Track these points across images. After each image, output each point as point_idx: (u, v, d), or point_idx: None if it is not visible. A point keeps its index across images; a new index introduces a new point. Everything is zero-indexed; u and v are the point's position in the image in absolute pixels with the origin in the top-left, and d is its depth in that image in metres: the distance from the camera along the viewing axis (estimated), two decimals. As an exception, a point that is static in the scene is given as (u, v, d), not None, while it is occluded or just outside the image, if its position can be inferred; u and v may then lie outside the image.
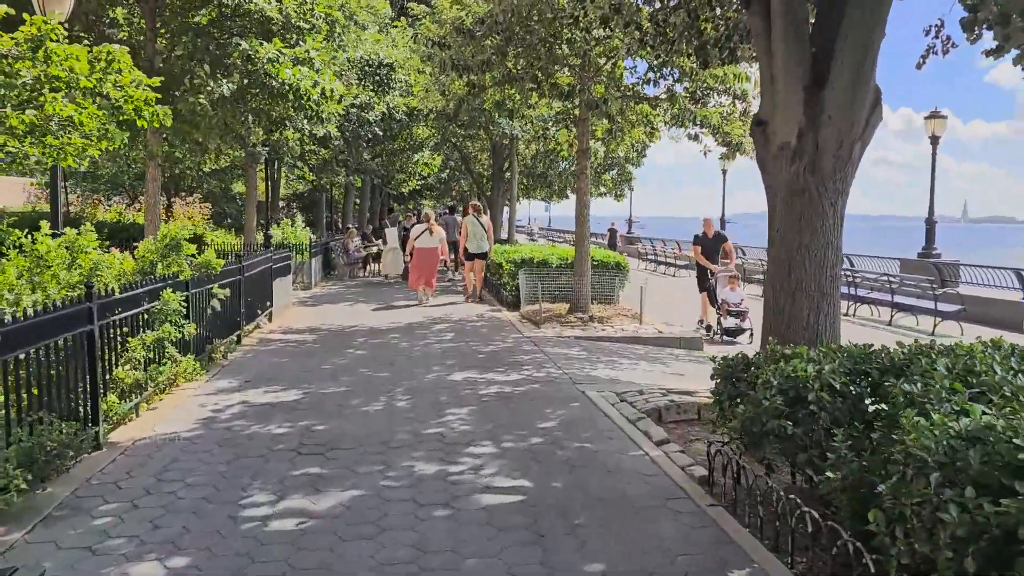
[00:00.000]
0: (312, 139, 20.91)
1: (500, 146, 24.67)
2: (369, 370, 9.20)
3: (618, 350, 11.06)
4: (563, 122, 14.69)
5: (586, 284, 13.50)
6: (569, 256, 15.29)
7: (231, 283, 10.66)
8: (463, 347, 10.80)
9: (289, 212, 45.00)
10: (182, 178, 28.03)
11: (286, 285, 15.19)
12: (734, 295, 13.61)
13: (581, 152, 13.45)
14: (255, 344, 11.18)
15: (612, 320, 13.06)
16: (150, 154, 12.41)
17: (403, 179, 30.49)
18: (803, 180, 6.14)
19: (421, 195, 46.40)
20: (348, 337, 11.81)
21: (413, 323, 13.30)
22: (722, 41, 8.78)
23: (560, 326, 12.57)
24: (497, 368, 9.26)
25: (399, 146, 26.73)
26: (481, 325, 13.03)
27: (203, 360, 9.11)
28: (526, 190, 28.37)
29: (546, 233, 62.99)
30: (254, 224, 21.11)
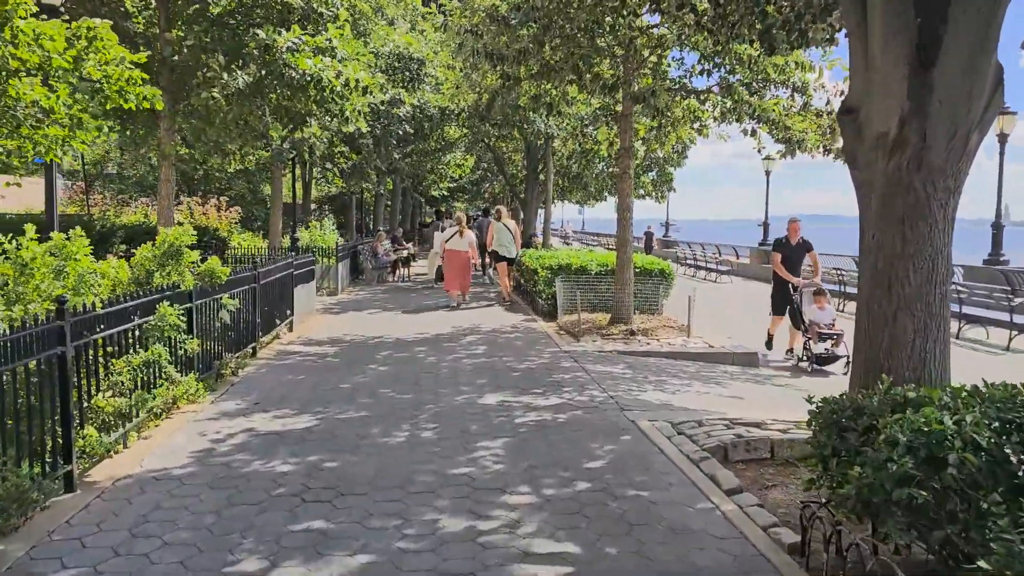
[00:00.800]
0: (341, 139, 20.14)
1: (534, 146, 23.70)
2: (391, 390, 8.28)
3: (666, 367, 10.03)
4: (603, 119, 13.70)
5: (629, 293, 12.48)
6: (609, 262, 14.28)
7: (244, 292, 9.85)
8: (496, 363, 9.85)
9: (320, 215, 44.59)
10: (208, 180, 27.49)
11: (309, 292, 14.38)
12: (824, 314, 11.35)
13: (623, 151, 12.44)
14: (271, 357, 10.34)
15: (657, 333, 12.03)
16: (163, 153, 11.66)
17: (434, 181, 29.64)
18: (906, 176, 5.09)
19: (453, 198, 45.63)
20: (371, 350, 10.93)
21: (442, 334, 12.39)
22: (791, 22, 7.74)
23: (601, 339, 11.56)
24: (534, 389, 8.29)
25: (430, 146, 25.92)
26: (515, 337, 12.07)
27: (210, 378, 8.27)
28: (561, 192, 27.38)
29: (580, 236, 61.84)
30: (279, 227, 20.41)
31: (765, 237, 30.13)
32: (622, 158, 12.47)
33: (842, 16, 6.22)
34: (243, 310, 9.81)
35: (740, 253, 33.56)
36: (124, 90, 5.65)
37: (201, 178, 27.66)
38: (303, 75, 10.41)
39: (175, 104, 11.66)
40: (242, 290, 9.69)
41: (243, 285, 9.72)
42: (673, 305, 14.23)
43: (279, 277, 11.85)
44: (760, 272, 28.68)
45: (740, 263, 31.02)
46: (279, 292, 11.97)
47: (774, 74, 10.74)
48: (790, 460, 5.88)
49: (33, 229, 6.95)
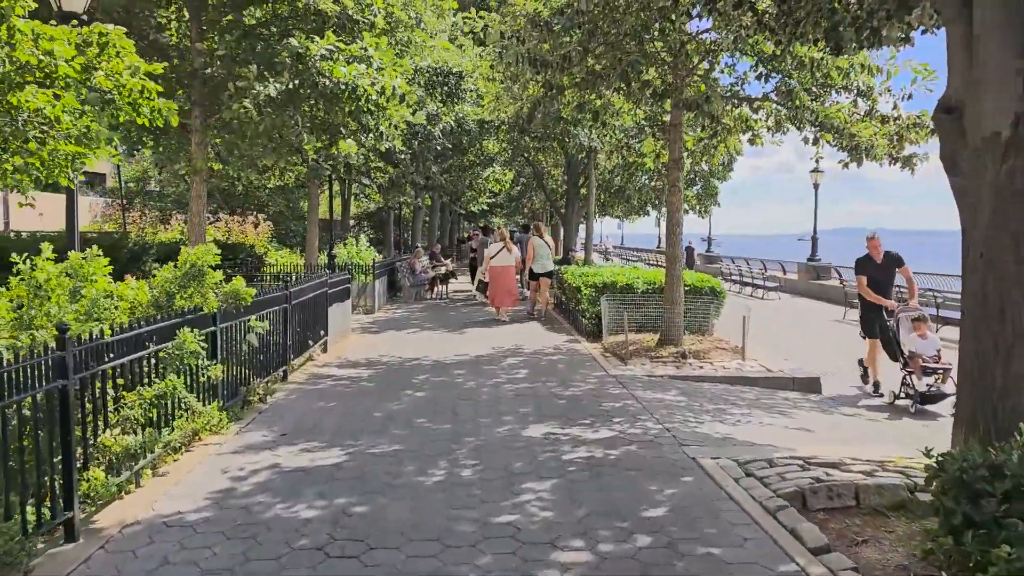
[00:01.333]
0: (377, 154, 19.76)
1: (576, 160, 23.11)
2: (428, 420, 7.69)
3: (722, 394, 9.31)
4: (649, 130, 13.08)
5: (679, 313, 11.78)
6: (656, 280, 13.60)
7: (274, 313, 9.38)
8: (539, 389, 9.22)
9: (359, 231, 44.43)
10: (248, 197, 27.37)
11: (344, 311, 13.91)
12: (927, 344, 9.53)
13: (673, 163, 11.78)
14: (303, 381, 9.84)
15: (710, 355, 11.30)
16: (194, 168, 11.29)
17: (472, 196, 29.19)
18: (1022, 184, 4.39)
19: (491, 213, 45.20)
20: (408, 373, 10.38)
21: (482, 356, 11.80)
22: (861, 20, 7.06)
23: (650, 362, 10.87)
24: (581, 420, 7.64)
25: (468, 161, 25.48)
26: (558, 360, 11.43)
27: (236, 406, 7.77)
28: (602, 207, 26.72)
29: (620, 252, 60.94)
30: (316, 244, 20.06)
31: (814, 252, 29.04)
32: (671, 170, 11.81)
33: (936, 3, 5.51)
34: (273, 332, 9.34)
35: (787, 268, 32.52)
36: (137, 103, 5.17)
37: (240, 195, 27.56)
38: (337, 84, 9.96)
39: (207, 118, 11.30)
40: (272, 311, 9.21)
41: (273, 306, 9.25)
42: (724, 325, 13.49)
43: (312, 296, 11.39)
44: (809, 289, 27.66)
45: (787, 279, 30.00)
46: (312, 312, 11.50)
47: (838, 78, 10.00)
48: (879, 509, 5.15)
49: (50, 248, 6.54)
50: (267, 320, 8.93)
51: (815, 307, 23.52)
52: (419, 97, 17.91)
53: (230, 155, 13.12)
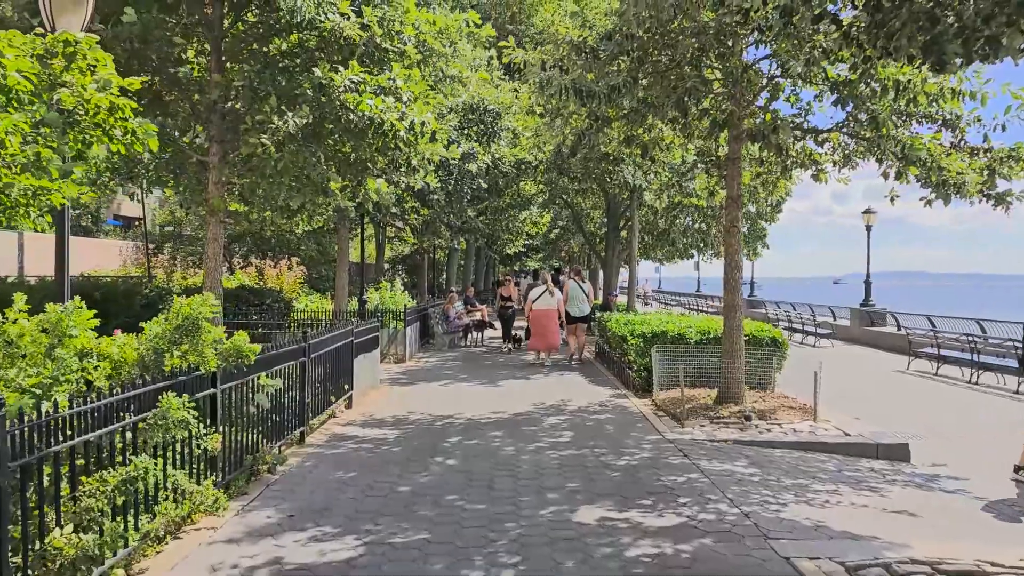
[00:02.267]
0: (411, 194, 18.96)
1: (616, 201, 22.13)
2: (460, 497, 6.60)
3: (798, 464, 8.08)
4: (703, 165, 12.05)
5: (740, 367, 10.60)
6: (711, 329, 12.43)
7: (291, 367, 8.41)
8: (587, 456, 8.08)
9: (394, 274, 43.78)
10: (281, 241, 26.77)
11: (372, 361, 12.93)
12: None
13: (731, 201, 10.71)
14: (323, 443, 8.83)
15: (776, 415, 10.07)
16: (210, 208, 10.48)
17: (508, 239, 28.30)
18: None
19: (527, 255, 44.33)
20: (438, 434, 9.31)
21: (520, 414, 10.70)
22: (970, 28, 5.98)
23: (710, 424, 9.68)
24: (641, 500, 6.49)
25: (505, 203, 24.64)
26: (606, 419, 10.27)
27: (241, 477, 6.76)
28: (643, 249, 25.64)
29: (658, 296, 59.53)
30: (345, 289, 19.23)
31: (867, 297, 27.54)
32: (729, 209, 10.73)
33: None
34: (288, 389, 8.36)
35: (837, 314, 31.01)
36: (107, 123, 4.26)
37: (272, 239, 26.99)
38: (362, 117, 9.09)
39: (225, 154, 10.52)
40: (287, 366, 8.24)
41: (288, 360, 8.28)
42: (786, 378, 12.23)
43: (335, 348, 10.43)
44: (863, 335, 26.12)
45: (838, 325, 28.49)
46: (336, 364, 10.54)
47: (924, 103, 8.86)
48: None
49: (23, 299, 5.64)
50: (281, 377, 7.96)
51: (873, 356, 22.04)
52: (452, 135, 17.14)
53: (252, 195, 12.30)
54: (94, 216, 28.89)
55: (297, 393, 8.74)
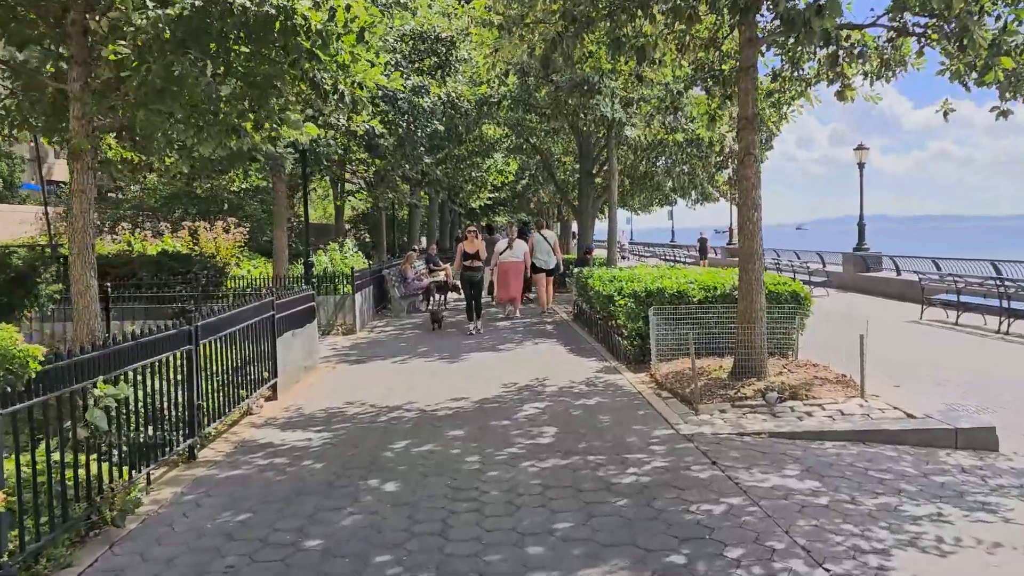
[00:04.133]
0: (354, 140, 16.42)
1: (590, 142, 19.76)
2: (396, 560, 4.35)
3: (865, 467, 5.94)
4: (704, 82, 9.75)
5: (761, 332, 8.43)
6: (716, 284, 10.24)
7: (169, 361, 6.09)
8: (579, 469, 5.86)
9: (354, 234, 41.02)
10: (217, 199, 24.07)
11: (307, 338, 10.58)
12: None
13: (745, 122, 8.45)
14: (222, 457, 6.55)
15: (813, 391, 7.92)
16: (72, 152, 7.97)
17: (472, 191, 25.82)
18: None
19: (493, 210, 41.85)
20: (380, 437, 7.05)
21: (488, 399, 8.47)
22: None
23: (731, 407, 7.52)
24: (669, 556, 4.29)
25: (467, 150, 22.13)
26: (597, 405, 8.06)
27: (61, 541, 4.45)
28: (622, 196, 23.32)
29: (634, 248, 57.26)
30: (285, 252, 16.81)
31: (861, 241, 25.60)
32: (743, 132, 8.47)
33: None
34: (165, 392, 6.03)
35: (827, 259, 29.10)
36: None
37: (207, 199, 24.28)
38: (261, 3, 6.62)
39: (88, 79, 7.98)
40: (159, 360, 5.90)
41: (161, 352, 5.93)
42: (807, 341, 10.10)
43: (248, 326, 8.09)
44: (859, 282, 24.17)
45: (830, 271, 26.53)
46: (249, 348, 8.21)
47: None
48: None
49: None
50: (152, 375, 5.63)
51: (875, 305, 20.03)
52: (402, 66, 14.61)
53: (148, 139, 9.75)
54: (6, 181, 25.85)
55: (182, 394, 6.42)
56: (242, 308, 7.98)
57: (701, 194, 23.34)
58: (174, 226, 22.74)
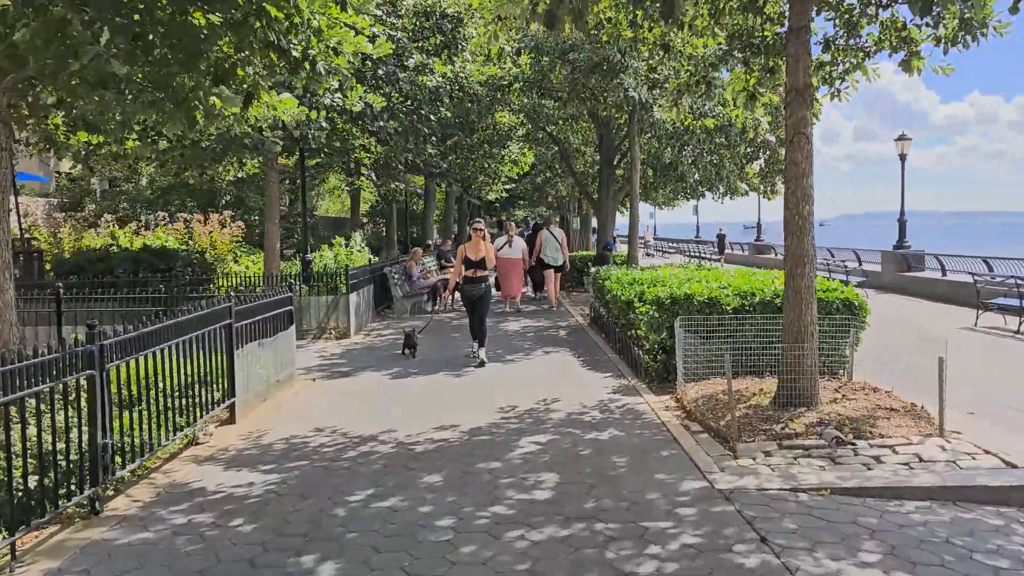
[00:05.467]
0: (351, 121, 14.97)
1: (611, 129, 18.24)
2: None
3: (967, 544, 4.43)
4: (742, 52, 8.20)
5: (812, 350, 6.92)
6: (755, 289, 8.72)
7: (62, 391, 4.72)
8: (583, 547, 4.41)
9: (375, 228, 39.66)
10: (215, 191, 22.83)
11: (280, 349, 9.19)
12: None
13: (796, 95, 6.93)
14: (136, 510, 5.21)
15: (878, 426, 6.39)
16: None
17: (485, 182, 24.35)
18: None
19: (512, 204, 40.34)
20: (339, 483, 5.64)
21: (480, 429, 7.04)
22: None
23: (777, 447, 6.03)
24: None
25: (478, 139, 20.67)
26: (611, 440, 6.59)
27: None
28: (645, 189, 21.74)
29: (659, 245, 55.26)
30: (276, 247, 15.47)
31: (902, 238, 23.83)
32: (793, 107, 6.95)
33: None
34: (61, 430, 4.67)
35: (863, 257, 27.27)
36: None
37: (208, 189, 23.04)
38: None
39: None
40: (40, 392, 4.53)
41: (38, 382, 4.56)
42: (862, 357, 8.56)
43: (193, 339, 6.73)
44: (900, 282, 22.39)
45: (867, 270, 24.76)
46: (197, 366, 6.85)
47: None
48: None
49: None
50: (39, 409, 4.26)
51: (922, 308, 18.31)
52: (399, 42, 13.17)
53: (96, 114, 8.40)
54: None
55: (80, 433, 5.05)
56: (181, 321, 6.58)
57: (729, 187, 21.69)
58: (170, 219, 21.51)
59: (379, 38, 9.09)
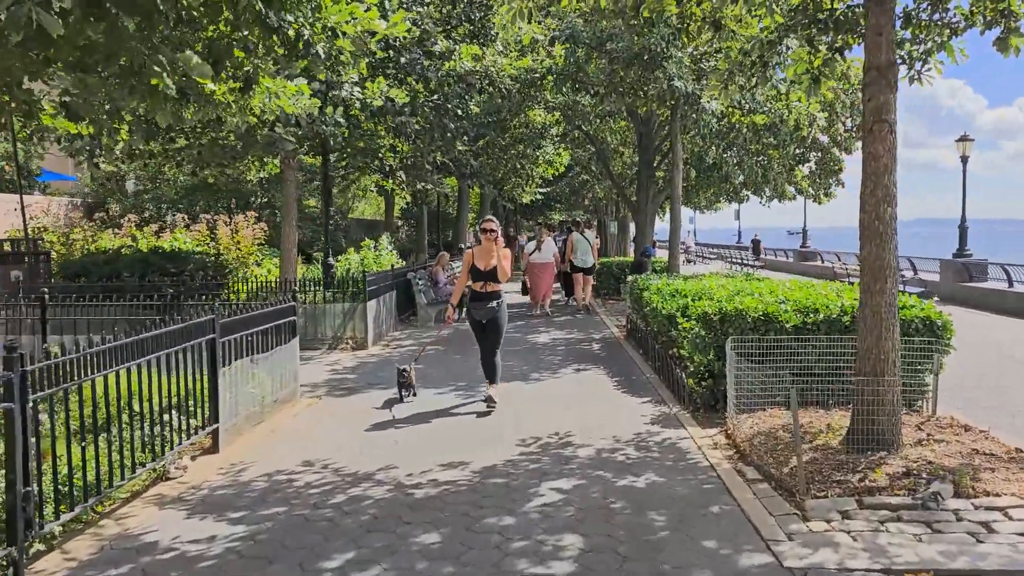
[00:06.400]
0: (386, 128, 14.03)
1: (651, 126, 17.10)
2: None
3: None
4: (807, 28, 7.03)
5: (895, 383, 5.75)
6: (818, 304, 7.52)
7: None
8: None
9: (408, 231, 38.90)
10: (238, 192, 22.12)
11: (279, 365, 8.24)
12: None
13: (877, 75, 5.79)
14: (66, 574, 4.23)
15: (981, 477, 5.19)
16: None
17: (518, 184, 23.32)
18: None
19: (548, 208, 39.23)
20: (315, 541, 4.63)
21: (494, 468, 5.99)
22: None
23: (856, 504, 4.87)
24: None
25: (511, 137, 19.64)
26: (649, 488, 5.47)
27: None
28: (686, 192, 20.50)
29: (700, 251, 53.56)
30: (294, 250, 14.63)
31: (962, 245, 22.26)
32: (873, 88, 5.80)
33: None
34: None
35: (918, 266, 25.68)
36: None
37: (232, 190, 22.33)
38: None
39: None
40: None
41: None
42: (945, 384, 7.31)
43: (160, 358, 5.79)
44: (958, 294, 20.85)
45: (923, 280, 23.21)
46: (168, 389, 5.91)
47: None
48: None
49: None
50: None
51: (992, 323, 16.80)
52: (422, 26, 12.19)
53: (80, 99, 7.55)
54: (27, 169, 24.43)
55: (-7, 480, 4.11)
56: (142, 336, 5.62)
57: (776, 190, 20.37)
58: (192, 220, 20.83)
59: (394, 15, 8.09)
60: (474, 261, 8.26)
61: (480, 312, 8.22)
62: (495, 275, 8.15)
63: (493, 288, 8.19)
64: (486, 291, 8.17)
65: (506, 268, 8.19)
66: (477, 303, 8.22)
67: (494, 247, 8.22)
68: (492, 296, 8.18)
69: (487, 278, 8.17)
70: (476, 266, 8.22)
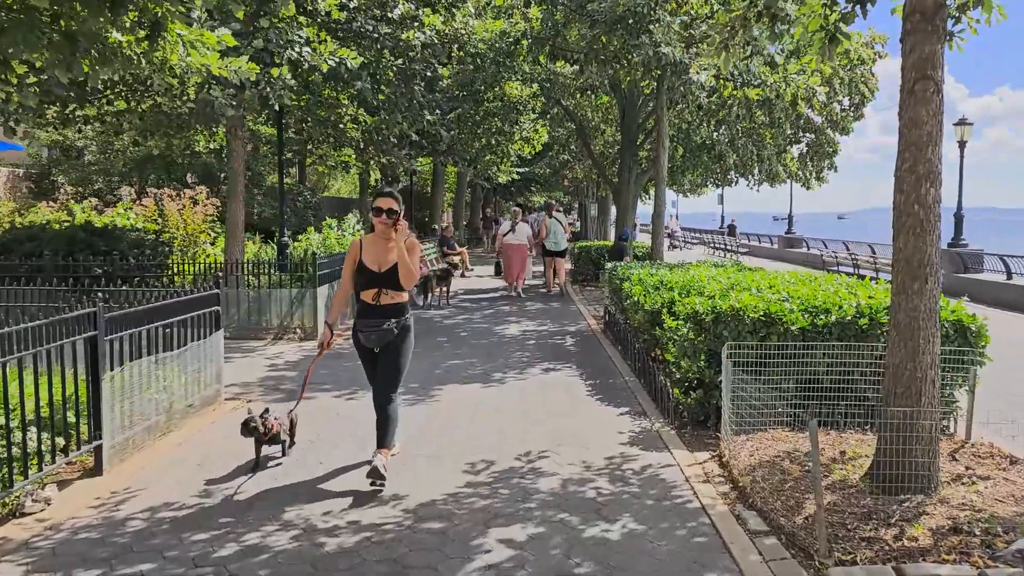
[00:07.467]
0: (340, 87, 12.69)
1: (634, 102, 15.86)
2: None
3: None
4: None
5: (933, 409, 4.60)
6: (830, 302, 6.35)
7: None
8: None
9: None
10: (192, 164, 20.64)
11: (193, 363, 6.98)
12: None
13: (921, 19, 4.59)
14: None
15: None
16: None
17: (493, 162, 22.01)
18: None
19: (527, 187, 37.96)
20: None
21: (432, 504, 4.78)
22: None
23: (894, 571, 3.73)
24: None
25: (486, 110, 18.33)
26: (625, 542, 4.28)
27: None
28: (671, 173, 19.29)
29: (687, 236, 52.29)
30: (240, 227, 13.31)
31: (958, 234, 21.28)
32: (916, 37, 4.61)
33: None
34: None
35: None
36: None
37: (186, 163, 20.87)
38: None
39: None
40: None
41: None
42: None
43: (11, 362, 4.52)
44: (953, 285, 19.86)
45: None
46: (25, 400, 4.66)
47: None
48: None
49: None
50: None
51: (995, 318, 15.73)
52: None
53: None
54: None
55: None
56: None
57: (767, 172, 19.22)
58: (141, 195, 19.35)
59: None
60: (360, 257, 5.36)
61: (370, 335, 5.36)
62: (394, 280, 5.28)
63: (393, 300, 5.34)
64: (380, 304, 5.32)
65: (413, 269, 5.26)
66: (367, 321, 5.33)
67: (393, 235, 5.28)
68: (391, 312, 5.33)
69: (382, 283, 5.30)
70: (364, 264, 5.33)
